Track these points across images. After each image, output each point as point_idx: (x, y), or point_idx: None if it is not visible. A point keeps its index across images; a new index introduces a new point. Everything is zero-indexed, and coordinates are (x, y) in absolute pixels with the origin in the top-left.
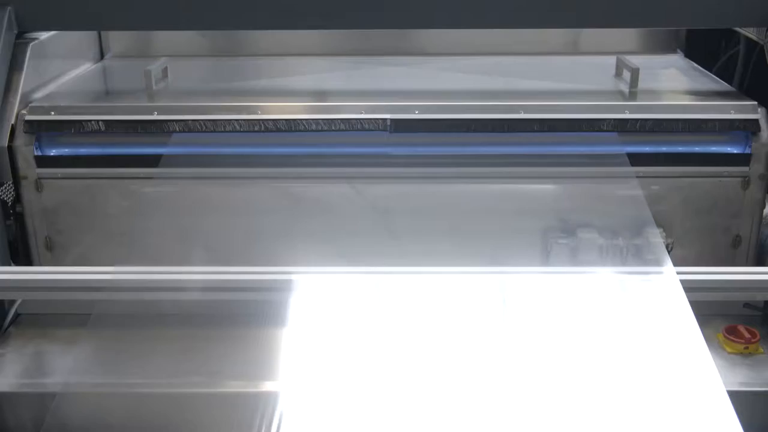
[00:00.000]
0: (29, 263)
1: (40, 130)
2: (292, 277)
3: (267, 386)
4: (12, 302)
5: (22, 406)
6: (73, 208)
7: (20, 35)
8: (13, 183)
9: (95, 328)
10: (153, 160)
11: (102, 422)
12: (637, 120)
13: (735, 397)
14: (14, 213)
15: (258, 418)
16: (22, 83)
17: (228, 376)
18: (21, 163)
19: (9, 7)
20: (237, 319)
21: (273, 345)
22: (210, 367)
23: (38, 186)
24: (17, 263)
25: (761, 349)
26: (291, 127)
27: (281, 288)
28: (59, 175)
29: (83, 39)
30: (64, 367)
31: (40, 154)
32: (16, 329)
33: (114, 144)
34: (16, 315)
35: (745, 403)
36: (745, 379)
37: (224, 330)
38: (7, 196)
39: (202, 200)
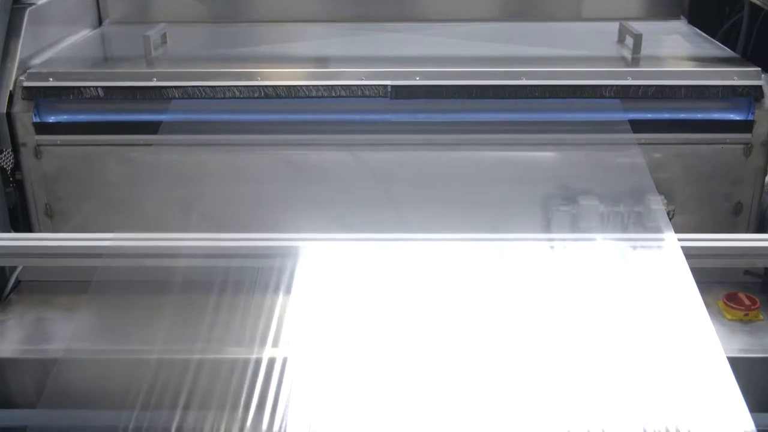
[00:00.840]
0: (29, 230)
1: (39, 97)
2: (293, 243)
3: (268, 353)
4: (13, 269)
5: (24, 372)
6: (73, 175)
7: (17, 0)
8: (12, 150)
9: (96, 295)
10: (152, 127)
11: (103, 388)
12: (639, 86)
13: (734, 363)
14: (14, 180)
15: (259, 385)
16: (20, 49)
17: (228, 342)
18: (20, 130)
19: None
20: (237, 286)
21: (273, 312)
22: (210, 333)
23: (37, 153)
24: (17, 231)
25: (761, 316)
26: (291, 93)
27: (281, 254)
28: (58, 142)
29: (81, 5)
30: (65, 334)
31: (38, 120)
32: (17, 296)
33: (113, 111)
34: (17, 282)
35: (745, 369)
36: (744, 346)
37: (224, 297)
38: (6, 163)
39: (201, 167)
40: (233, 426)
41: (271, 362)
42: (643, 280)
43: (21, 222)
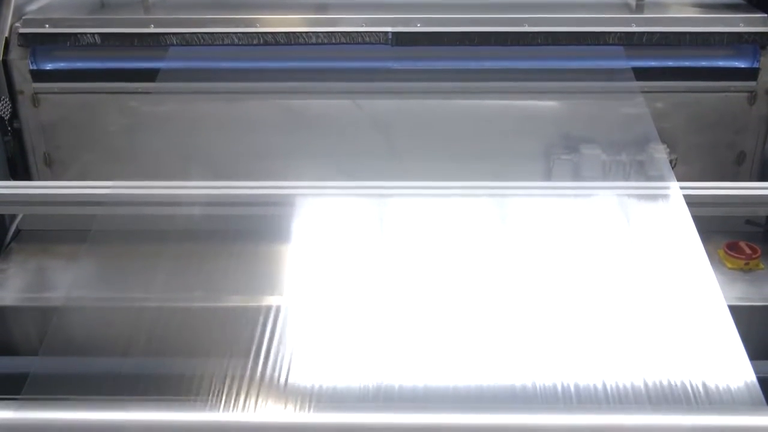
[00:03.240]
0: (28, 180)
1: (35, 43)
2: (292, 191)
3: (267, 301)
4: (12, 218)
5: (25, 320)
6: (72, 124)
7: None
8: (10, 98)
9: (96, 244)
10: (150, 75)
11: (103, 335)
12: (643, 33)
13: (734, 311)
14: (12, 129)
15: (258, 333)
16: None
17: (228, 291)
18: (17, 78)
19: None
20: (237, 235)
21: (273, 260)
22: (210, 282)
23: (35, 101)
24: (16, 180)
25: (762, 265)
26: (290, 40)
27: (281, 203)
28: (56, 90)
29: None
30: (66, 282)
31: (35, 68)
32: (17, 245)
33: (111, 58)
34: (17, 231)
35: (744, 317)
36: (744, 294)
37: (224, 246)
38: (3, 112)
39: (200, 115)
40: (234, 373)
41: (272, 311)
42: (645, 229)
43: (20, 171)
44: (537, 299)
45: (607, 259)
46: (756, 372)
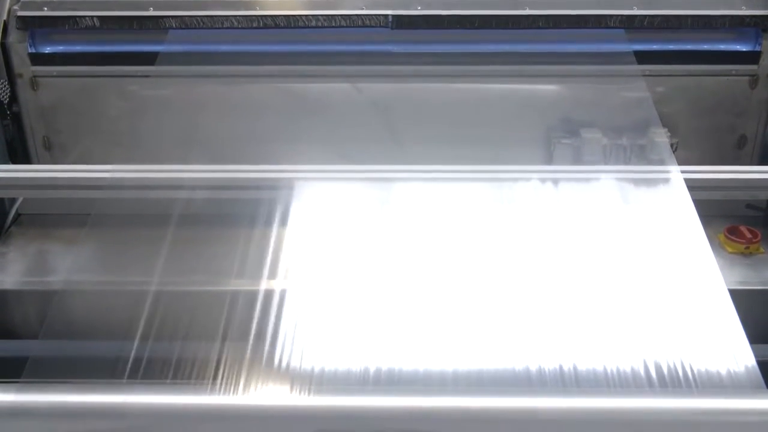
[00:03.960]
0: (28, 164)
1: (34, 27)
2: (292, 175)
3: (268, 285)
4: (12, 202)
5: (26, 303)
6: (71, 107)
7: None
8: (8, 82)
9: (96, 228)
10: (150, 58)
11: (103, 318)
12: (645, 16)
13: (734, 295)
14: (11, 113)
15: (258, 316)
16: None
17: (228, 274)
18: (15, 61)
19: None
20: (236, 219)
21: (273, 244)
22: (210, 265)
23: (34, 84)
24: (16, 164)
25: (762, 249)
26: (290, 23)
27: (281, 186)
28: (55, 73)
29: None
30: (66, 266)
31: (34, 51)
32: (17, 229)
33: (109, 41)
34: (17, 215)
35: (744, 301)
36: (744, 278)
37: (224, 229)
38: (2, 95)
39: (199, 98)
40: (233, 356)
41: (270, 294)
42: (646, 213)
43: (19, 155)
44: (538, 282)
45: (608, 242)
46: (756, 356)
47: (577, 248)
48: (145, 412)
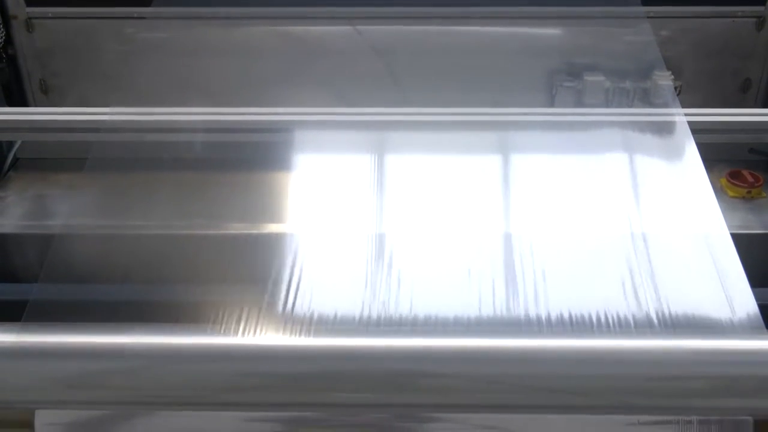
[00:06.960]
0: (25, 107)
1: None
2: (292, 118)
3: (267, 228)
4: (10, 146)
5: (26, 246)
6: (68, 49)
7: None
8: (3, 24)
9: (94, 171)
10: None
11: (102, 261)
12: None
13: (735, 239)
14: (6, 55)
15: (258, 260)
16: None
17: (228, 218)
18: (9, 2)
19: None
20: (236, 162)
21: (272, 188)
22: (210, 209)
23: (29, 26)
24: (12, 107)
25: (764, 194)
26: None
27: (281, 129)
28: (50, 15)
29: None
30: (65, 210)
31: None
32: (15, 173)
33: None
34: (15, 159)
35: (744, 245)
36: (745, 222)
37: (223, 173)
38: None
39: (197, 40)
40: (233, 299)
41: (272, 238)
42: (648, 156)
43: (16, 99)
44: (539, 227)
45: (610, 184)
46: (756, 299)
47: (579, 191)
48: (146, 351)
